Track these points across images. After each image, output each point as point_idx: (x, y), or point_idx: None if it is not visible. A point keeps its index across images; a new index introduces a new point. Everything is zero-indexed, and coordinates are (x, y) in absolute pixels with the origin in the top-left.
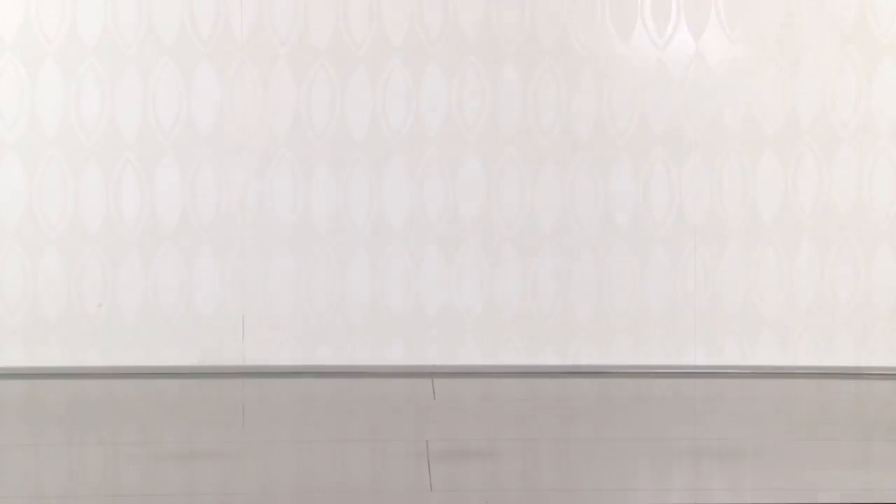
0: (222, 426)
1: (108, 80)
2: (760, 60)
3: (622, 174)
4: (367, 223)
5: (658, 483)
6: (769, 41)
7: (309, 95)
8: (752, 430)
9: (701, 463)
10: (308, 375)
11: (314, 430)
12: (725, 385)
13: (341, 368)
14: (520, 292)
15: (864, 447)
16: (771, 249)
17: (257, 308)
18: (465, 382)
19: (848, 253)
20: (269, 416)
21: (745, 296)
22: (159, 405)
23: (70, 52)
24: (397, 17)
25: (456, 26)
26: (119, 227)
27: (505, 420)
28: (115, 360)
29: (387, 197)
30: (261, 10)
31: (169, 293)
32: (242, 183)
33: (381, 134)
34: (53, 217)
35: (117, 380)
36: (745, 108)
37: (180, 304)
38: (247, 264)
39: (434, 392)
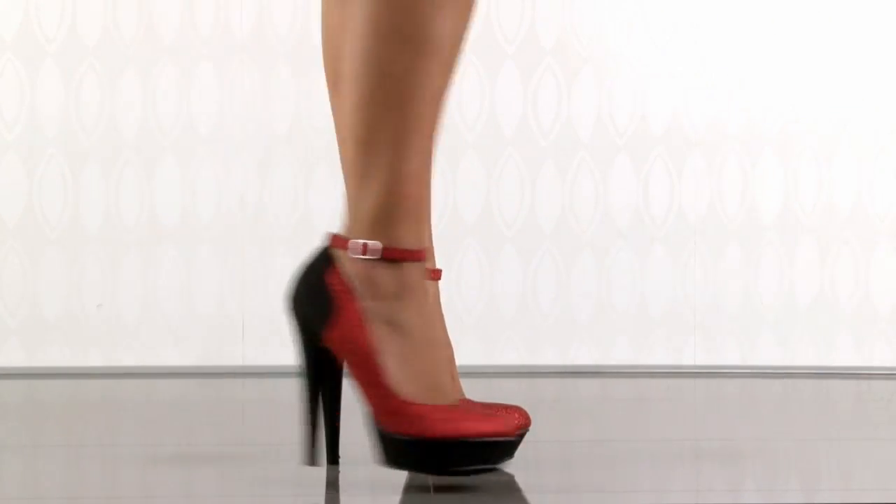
0: (223, 426)
1: (108, 80)
2: (763, 59)
3: (622, 174)
4: None
5: (658, 484)
6: (770, 39)
7: (309, 95)
8: (752, 430)
9: (702, 463)
10: None
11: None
12: (725, 385)
13: None
14: (520, 292)
15: (865, 447)
16: (771, 249)
17: (257, 308)
18: (465, 382)
19: (848, 253)
20: (269, 417)
21: (745, 296)
22: (159, 405)
23: (70, 52)
24: None
25: None
26: (119, 227)
27: None
28: (115, 360)
29: None
30: (261, 10)
31: (169, 293)
32: (242, 183)
33: None
34: (53, 217)
35: (117, 380)
36: (746, 108)
37: (180, 304)
38: (247, 264)
39: None
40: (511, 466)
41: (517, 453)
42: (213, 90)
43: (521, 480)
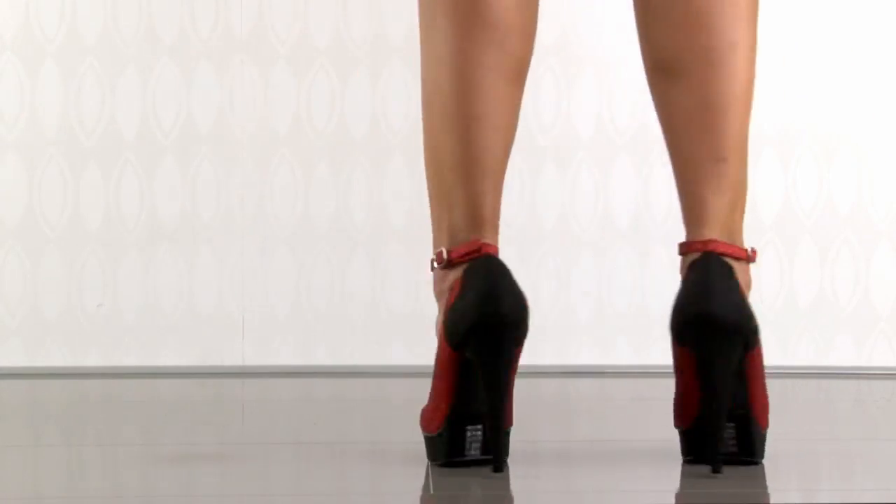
0: (223, 426)
1: (108, 80)
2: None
3: (622, 174)
4: (367, 223)
5: (659, 484)
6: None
7: (309, 95)
8: None
9: (702, 463)
10: (308, 375)
11: (313, 431)
12: None
13: (341, 368)
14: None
15: (865, 447)
16: (771, 249)
17: (257, 308)
18: None
19: (848, 253)
20: (269, 417)
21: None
22: (159, 405)
23: (70, 52)
24: (397, 18)
25: None
26: (119, 227)
27: None
28: (115, 360)
29: (387, 196)
30: (261, 9)
31: (169, 293)
32: (242, 183)
33: (381, 133)
34: (53, 217)
35: (117, 380)
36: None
37: (180, 304)
38: (247, 264)
39: None
40: (511, 466)
41: (517, 453)
42: (213, 90)
43: (521, 480)
